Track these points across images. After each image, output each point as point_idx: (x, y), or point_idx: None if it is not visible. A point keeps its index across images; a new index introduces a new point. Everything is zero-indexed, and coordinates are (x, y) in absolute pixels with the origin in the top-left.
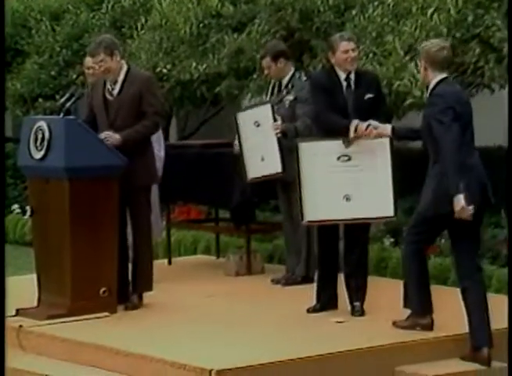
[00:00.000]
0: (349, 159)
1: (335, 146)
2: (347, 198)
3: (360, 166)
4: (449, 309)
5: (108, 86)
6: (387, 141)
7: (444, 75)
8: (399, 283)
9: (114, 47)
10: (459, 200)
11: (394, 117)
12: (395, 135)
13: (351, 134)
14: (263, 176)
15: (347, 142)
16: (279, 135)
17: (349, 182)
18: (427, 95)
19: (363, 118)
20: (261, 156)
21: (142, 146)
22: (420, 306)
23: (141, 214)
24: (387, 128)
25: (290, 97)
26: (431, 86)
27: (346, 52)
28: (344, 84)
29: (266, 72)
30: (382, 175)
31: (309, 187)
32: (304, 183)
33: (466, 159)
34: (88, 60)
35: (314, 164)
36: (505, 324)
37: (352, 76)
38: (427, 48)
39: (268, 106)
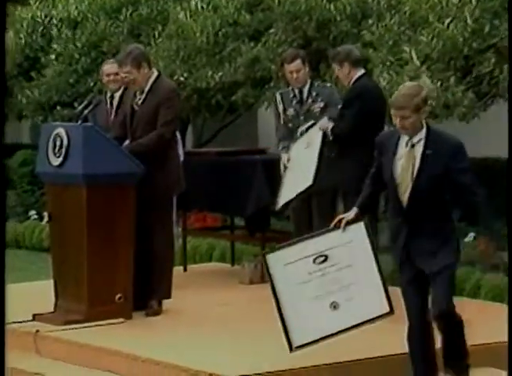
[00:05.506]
0: (326, 259)
1: (306, 247)
2: (335, 306)
3: (340, 263)
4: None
5: (137, 96)
6: (361, 225)
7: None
8: None
9: (142, 59)
10: None
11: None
12: (364, 213)
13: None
14: (297, 195)
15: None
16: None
17: (332, 286)
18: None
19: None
20: (300, 171)
21: (165, 153)
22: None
23: (163, 221)
24: (352, 212)
25: (320, 104)
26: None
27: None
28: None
29: (294, 76)
30: (366, 266)
31: (289, 305)
32: (282, 302)
33: None
34: (107, 68)
35: (288, 276)
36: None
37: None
38: None
39: (317, 126)
